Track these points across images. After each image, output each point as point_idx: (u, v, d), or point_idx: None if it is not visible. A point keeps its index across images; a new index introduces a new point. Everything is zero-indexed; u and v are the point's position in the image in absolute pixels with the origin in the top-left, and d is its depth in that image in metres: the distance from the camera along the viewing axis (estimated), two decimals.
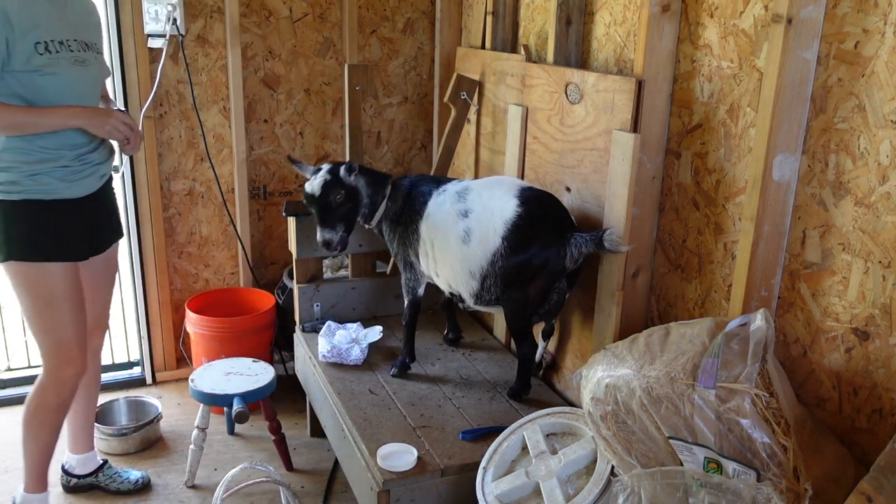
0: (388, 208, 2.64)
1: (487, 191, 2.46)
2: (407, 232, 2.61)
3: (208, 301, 3.40)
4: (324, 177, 2.52)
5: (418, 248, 2.59)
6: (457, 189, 2.53)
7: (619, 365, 1.91)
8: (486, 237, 2.36)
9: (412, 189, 2.62)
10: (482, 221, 2.38)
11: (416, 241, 2.59)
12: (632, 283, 2.32)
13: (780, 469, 1.61)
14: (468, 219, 2.41)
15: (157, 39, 3.12)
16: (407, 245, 2.63)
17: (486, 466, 2.13)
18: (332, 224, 2.54)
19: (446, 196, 2.52)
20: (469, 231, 2.40)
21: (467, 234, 2.40)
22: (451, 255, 2.46)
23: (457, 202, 2.48)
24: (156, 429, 3.09)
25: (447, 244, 2.46)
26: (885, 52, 1.62)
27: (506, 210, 2.34)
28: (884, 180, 1.64)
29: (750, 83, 1.94)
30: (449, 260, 2.48)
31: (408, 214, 2.60)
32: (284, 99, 3.46)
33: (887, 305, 1.67)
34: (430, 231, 2.52)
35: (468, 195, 2.48)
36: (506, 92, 2.88)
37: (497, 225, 2.34)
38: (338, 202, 2.51)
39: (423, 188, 2.60)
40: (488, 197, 2.42)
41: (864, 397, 1.74)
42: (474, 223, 2.40)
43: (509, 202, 2.35)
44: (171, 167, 3.37)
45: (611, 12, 2.41)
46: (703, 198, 2.14)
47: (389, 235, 2.69)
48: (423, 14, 3.57)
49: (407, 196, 2.61)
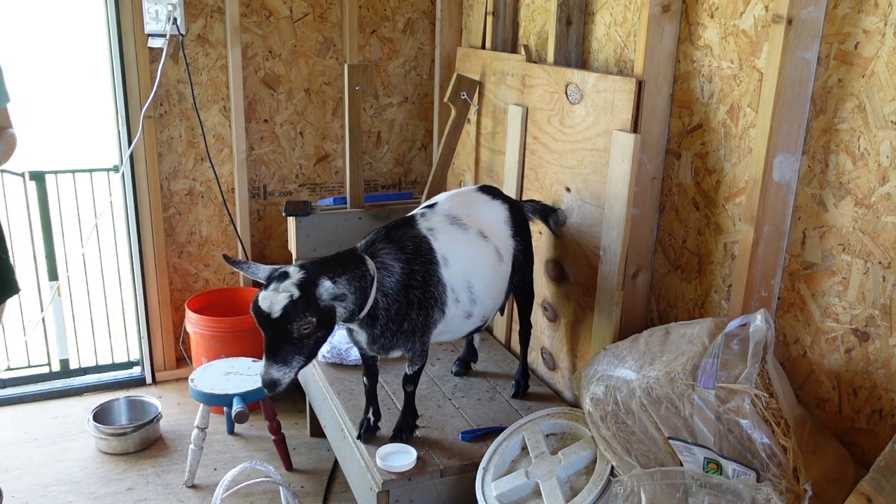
0: (384, 285, 2.02)
1: (465, 205, 2.33)
2: (427, 292, 2.10)
3: (208, 301, 3.40)
4: (289, 293, 1.79)
5: (446, 300, 2.15)
6: (439, 217, 2.25)
7: (619, 365, 1.91)
8: (507, 245, 2.34)
9: (399, 245, 2.10)
10: (496, 233, 2.31)
11: (442, 294, 2.13)
12: (632, 283, 2.32)
13: (779, 469, 1.61)
14: (488, 239, 2.27)
15: (157, 39, 3.12)
16: (430, 306, 2.12)
17: (485, 467, 2.13)
18: (286, 358, 1.82)
19: (439, 227, 2.21)
20: (498, 249, 2.29)
21: (498, 252, 2.29)
22: (493, 283, 2.27)
23: (461, 229, 2.24)
24: (156, 428, 3.09)
25: (487, 274, 2.25)
26: (885, 53, 1.62)
27: (498, 212, 2.37)
28: (884, 181, 1.64)
29: (750, 84, 1.94)
30: (493, 292, 2.28)
31: (419, 273, 2.08)
32: (284, 99, 3.46)
33: (887, 306, 1.67)
34: (462, 272, 2.18)
35: (459, 216, 2.27)
36: (506, 92, 2.88)
37: (504, 229, 2.36)
38: (303, 332, 1.81)
39: (406, 235, 2.14)
40: (474, 208, 2.34)
41: (863, 398, 1.74)
42: (494, 238, 2.30)
43: (492, 204, 2.39)
44: (171, 167, 3.37)
45: (611, 12, 2.41)
46: (703, 198, 2.14)
47: (397, 312, 2.06)
48: (423, 14, 3.57)
49: (400, 256, 2.08)
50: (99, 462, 2.96)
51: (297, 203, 2.98)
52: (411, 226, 2.18)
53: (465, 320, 2.24)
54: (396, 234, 2.12)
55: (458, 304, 2.18)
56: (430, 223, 2.20)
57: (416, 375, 2.26)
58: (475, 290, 2.21)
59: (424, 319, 2.12)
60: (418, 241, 2.12)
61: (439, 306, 2.14)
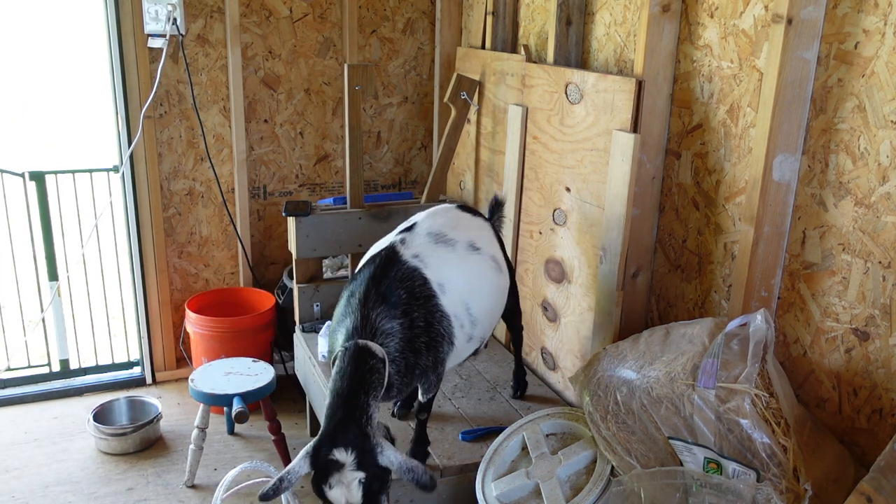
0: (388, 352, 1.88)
1: (447, 221, 2.19)
2: (432, 332, 1.97)
3: (208, 301, 3.40)
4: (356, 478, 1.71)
5: (452, 331, 2.03)
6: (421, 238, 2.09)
7: (620, 365, 1.91)
8: (496, 255, 2.25)
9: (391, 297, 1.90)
10: (486, 244, 2.22)
11: (448, 327, 2.01)
12: (632, 283, 2.32)
13: (779, 469, 1.61)
14: (481, 251, 2.16)
15: (157, 39, 3.12)
16: (439, 344, 2.00)
17: (486, 466, 2.13)
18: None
19: (424, 250, 2.04)
20: (495, 258, 2.20)
21: (496, 262, 2.19)
22: (491, 297, 2.17)
23: (448, 246, 2.09)
24: (156, 428, 3.09)
25: (486, 289, 2.14)
26: (885, 53, 1.62)
27: (483, 226, 2.31)
28: (884, 181, 1.64)
29: (750, 83, 1.94)
30: (491, 307, 2.16)
31: (420, 318, 1.94)
32: (284, 99, 3.46)
33: (887, 306, 1.67)
34: (459, 294, 2.05)
35: (444, 232, 2.14)
36: (506, 92, 2.88)
37: (494, 241, 2.30)
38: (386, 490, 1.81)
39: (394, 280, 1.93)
40: (458, 223, 2.22)
41: (863, 398, 1.74)
42: (487, 249, 2.19)
43: (475, 220, 2.31)
44: (171, 167, 3.37)
45: (611, 12, 2.41)
46: (703, 198, 2.14)
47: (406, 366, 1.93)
48: (423, 14, 3.57)
49: (395, 312, 1.90)
50: (99, 462, 2.96)
51: (297, 203, 2.98)
52: (395, 262, 1.98)
53: (467, 343, 2.12)
54: (384, 283, 1.91)
55: (463, 328, 2.06)
56: (413, 248, 2.03)
57: (430, 404, 2.16)
58: (474, 314, 2.08)
59: (435, 358, 2.00)
60: (409, 279, 1.95)
61: (448, 339, 2.01)
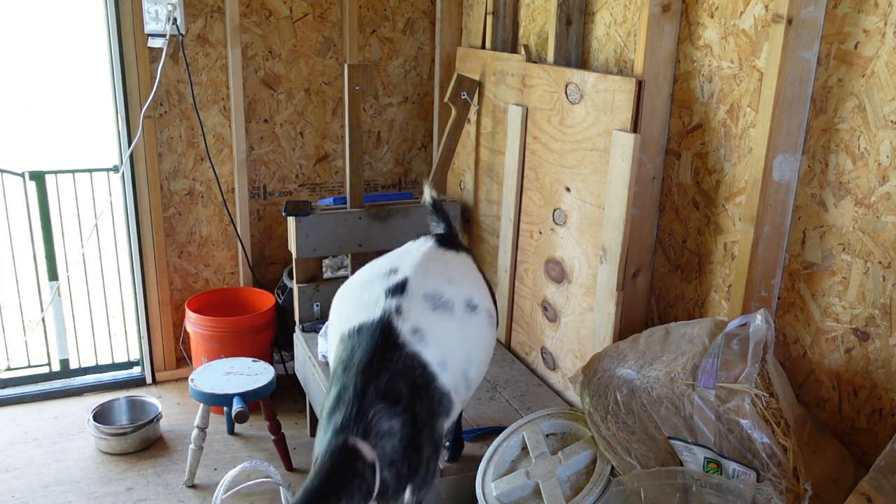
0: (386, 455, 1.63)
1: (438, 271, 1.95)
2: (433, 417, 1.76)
3: (208, 301, 3.40)
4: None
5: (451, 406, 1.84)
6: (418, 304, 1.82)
7: (620, 365, 1.91)
8: (490, 308, 2.00)
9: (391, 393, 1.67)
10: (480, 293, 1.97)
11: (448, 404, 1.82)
12: (632, 283, 2.32)
13: (779, 469, 1.61)
14: (477, 308, 1.92)
15: (157, 39, 3.12)
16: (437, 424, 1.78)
17: (486, 466, 2.13)
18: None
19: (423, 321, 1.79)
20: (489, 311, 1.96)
21: (491, 316, 1.96)
22: (486, 355, 1.97)
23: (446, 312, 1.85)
24: (155, 428, 3.09)
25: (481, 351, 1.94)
26: (885, 53, 1.62)
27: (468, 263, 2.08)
28: (884, 181, 1.64)
29: (750, 83, 1.94)
30: (484, 365, 1.97)
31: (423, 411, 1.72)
32: (284, 99, 3.46)
33: (887, 306, 1.67)
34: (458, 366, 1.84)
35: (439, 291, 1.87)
36: (506, 92, 2.88)
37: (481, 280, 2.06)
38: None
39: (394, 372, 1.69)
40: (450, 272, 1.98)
41: (863, 398, 1.74)
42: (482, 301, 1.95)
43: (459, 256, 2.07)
44: (171, 167, 3.37)
45: (611, 12, 2.41)
46: (703, 198, 2.14)
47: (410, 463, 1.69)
48: (423, 14, 3.57)
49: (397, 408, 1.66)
50: (99, 462, 2.96)
51: (297, 203, 2.98)
52: (394, 346, 1.72)
53: (459, 406, 1.93)
54: (384, 376, 1.68)
55: (459, 395, 1.87)
56: (412, 321, 1.77)
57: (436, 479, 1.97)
58: (471, 376, 1.90)
59: (434, 445, 1.78)
60: (410, 368, 1.71)
61: (445, 414, 1.81)
